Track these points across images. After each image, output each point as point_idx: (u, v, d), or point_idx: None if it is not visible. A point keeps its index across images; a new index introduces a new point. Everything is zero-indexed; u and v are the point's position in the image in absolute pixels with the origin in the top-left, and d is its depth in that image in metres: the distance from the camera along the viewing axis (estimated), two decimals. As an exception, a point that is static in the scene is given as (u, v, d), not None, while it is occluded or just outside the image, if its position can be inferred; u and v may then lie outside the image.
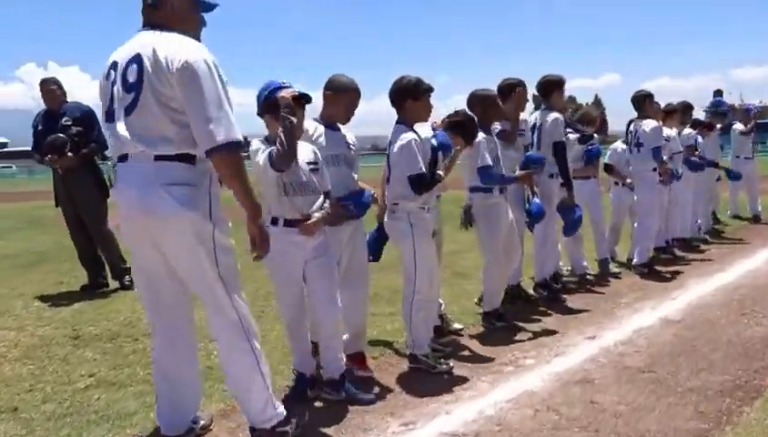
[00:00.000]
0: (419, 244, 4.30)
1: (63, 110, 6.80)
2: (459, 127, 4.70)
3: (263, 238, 3.08)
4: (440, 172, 4.35)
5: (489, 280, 5.35)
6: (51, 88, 6.87)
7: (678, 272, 7.35)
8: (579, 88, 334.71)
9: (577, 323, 5.43)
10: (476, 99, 5.18)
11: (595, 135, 7.43)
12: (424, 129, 4.51)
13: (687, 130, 9.07)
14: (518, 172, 5.40)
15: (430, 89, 4.32)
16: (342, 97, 4.07)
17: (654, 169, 7.48)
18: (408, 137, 4.21)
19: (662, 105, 8.51)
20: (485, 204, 5.19)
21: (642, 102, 7.67)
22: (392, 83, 4.36)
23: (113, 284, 7.07)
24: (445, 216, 5.38)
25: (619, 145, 8.00)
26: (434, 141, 4.42)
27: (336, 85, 4.08)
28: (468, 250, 7.90)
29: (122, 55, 2.96)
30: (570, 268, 7.19)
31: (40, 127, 6.86)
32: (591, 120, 7.47)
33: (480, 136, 5.04)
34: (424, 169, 4.18)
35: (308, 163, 3.71)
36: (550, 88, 6.23)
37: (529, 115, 6.28)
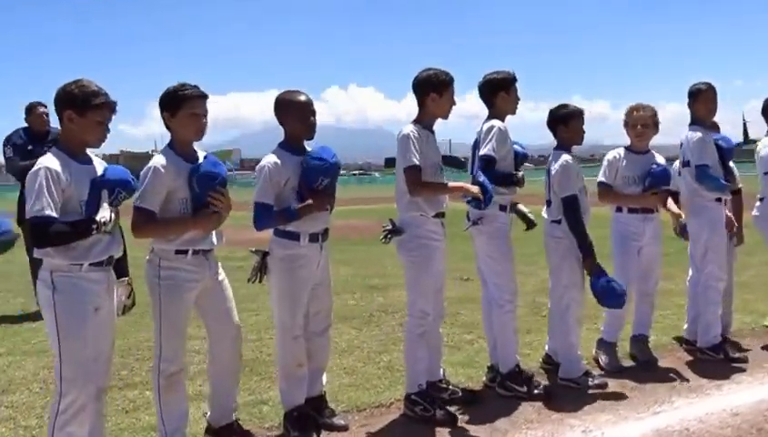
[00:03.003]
0: (65, 324, 2.94)
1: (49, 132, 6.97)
2: None
3: None
4: (105, 216, 2.96)
5: (284, 368, 3.77)
6: (40, 112, 7.05)
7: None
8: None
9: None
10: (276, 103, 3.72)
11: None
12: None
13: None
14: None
15: (105, 103, 3.00)
16: None
17: (719, 200, 4.97)
18: (42, 162, 2.91)
19: None
20: (285, 255, 3.67)
21: (695, 97, 5.00)
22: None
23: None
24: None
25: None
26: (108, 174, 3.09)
27: None
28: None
29: None
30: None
31: (30, 147, 6.91)
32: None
33: (269, 160, 3.59)
34: (50, 212, 2.81)
35: None
36: (493, 89, 4.32)
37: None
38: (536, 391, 4.21)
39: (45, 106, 7.06)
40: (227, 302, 3.53)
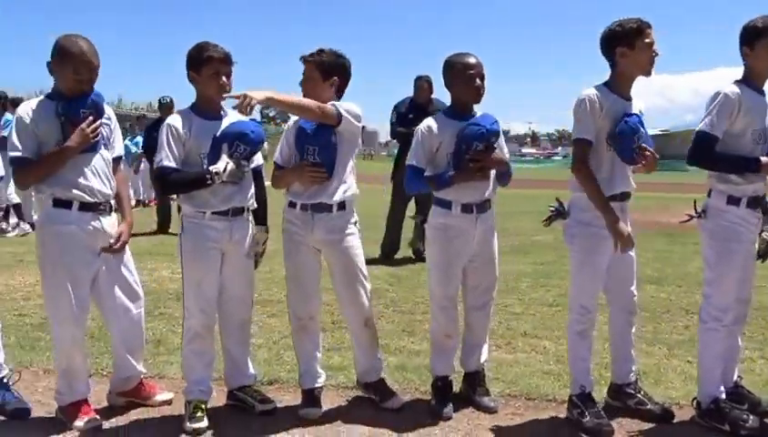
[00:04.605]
0: (186, 261, 3.43)
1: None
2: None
3: None
4: (219, 168, 3.24)
5: (433, 336, 3.74)
6: (422, 85, 7.83)
7: None
8: None
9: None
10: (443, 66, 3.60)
11: None
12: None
13: None
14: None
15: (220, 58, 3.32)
16: None
17: None
18: (167, 120, 3.43)
19: None
20: (437, 224, 3.60)
21: None
22: None
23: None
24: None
25: None
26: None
27: None
28: None
29: None
30: None
31: (411, 116, 7.74)
32: None
33: (424, 124, 3.57)
34: (168, 163, 3.30)
35: None
36: (744, 39, 3.33)
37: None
38: (743, 433, 3.30)
39: (428, 78, 7.75)
40: (342, 269, 3.55)
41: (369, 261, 7.49)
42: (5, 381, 3.48)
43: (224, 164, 3.27)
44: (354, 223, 3.58)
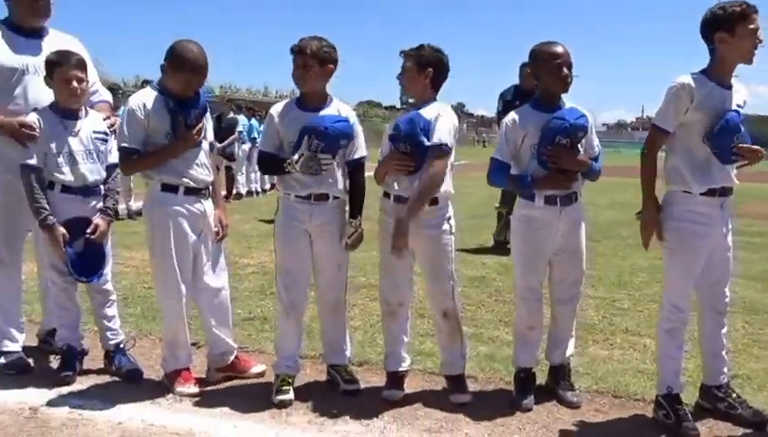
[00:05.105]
0: (277, 239, 3.68)
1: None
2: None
3: None
4: (293, 158, 3.45)
5: (516, 328, 3.77)
6: (527, 72, 7.73)
7: None
8: None
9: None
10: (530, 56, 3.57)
11: None
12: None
13: None
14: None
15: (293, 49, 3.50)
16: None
17: None
18: (271, 109, 3.71)
19: None
20: (521, 216, 3.61)
21: None
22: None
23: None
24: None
25: None
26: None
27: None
28: None
29: None
30: None
31: (517, 103, 7.81)
32: None
33: (509, 117, 3.57)
34: (262, 148, 3.69)
35: None
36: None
37: None
38: None
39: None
40: (428, 263, 3.60)
41: (482, 250, 7.77)
42: (121, 346, 3.87)
43: (298, 155, 3.46)
44: (447, 219, 3.58)
